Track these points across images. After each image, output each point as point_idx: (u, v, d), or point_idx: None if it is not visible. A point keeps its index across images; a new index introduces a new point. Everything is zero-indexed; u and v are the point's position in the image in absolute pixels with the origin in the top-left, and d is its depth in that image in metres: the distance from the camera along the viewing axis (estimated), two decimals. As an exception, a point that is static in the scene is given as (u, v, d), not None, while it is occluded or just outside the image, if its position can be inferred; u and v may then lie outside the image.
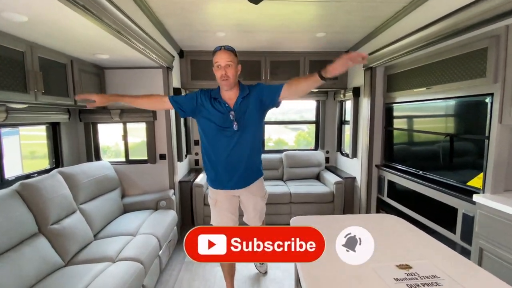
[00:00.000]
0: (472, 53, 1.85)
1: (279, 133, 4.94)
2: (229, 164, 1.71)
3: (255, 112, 1.70)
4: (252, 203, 1.86)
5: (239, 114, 1.66)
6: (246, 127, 1.68)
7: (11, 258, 1.48)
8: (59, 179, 2.05)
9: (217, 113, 1.67)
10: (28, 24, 1.49)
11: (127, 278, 1.64)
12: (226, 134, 1.67)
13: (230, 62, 1.60)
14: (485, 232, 1.66)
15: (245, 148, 1.70)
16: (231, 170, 1.72)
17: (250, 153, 1.73)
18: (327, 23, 2.57)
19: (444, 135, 2.11)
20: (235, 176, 1.74)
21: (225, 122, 1.66)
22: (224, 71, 1.59)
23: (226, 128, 1.66)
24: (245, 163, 1.73)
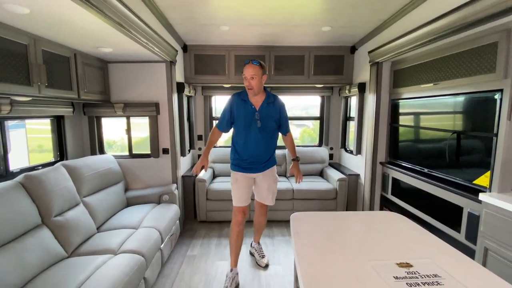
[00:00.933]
0: (481, 47, 1.79)
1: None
2: (252, 153, 2.13)
3: (274, 118, 2.13)
4: (267, 184, 2.24)
5: (262, 115, 2.08)
6: (267, 126, 2.10)
7: (15, 248, 1.51)
8: (62, 171, 2.07)
9: (245, 112, 2.09)
10: (30, 16, 1.49)
11: (128, 270, 1.65)
12: (250, 130, 2.08)
13: (254, 75, 1.99)
14: (490, 232, 1.62)
15: (264, 142, 2.13)
16: (251, 158, 2.15)
17: (268, 147, 2.17)
18: (333, 17, 2.52)
19: (451, 132, 2.06)
20: (254, 163, 2.17)
21: (251, 120, 2.07)
22: (249, 82, 1.99)
23: (251, 125, 2.08)
24: (263, 154, 2.16)
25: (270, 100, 2.11)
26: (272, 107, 2.11)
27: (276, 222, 3.31)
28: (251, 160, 2.14)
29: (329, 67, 3.49)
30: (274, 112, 2.12)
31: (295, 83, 3.55)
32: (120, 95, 2.86)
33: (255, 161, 2.15)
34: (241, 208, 2.20)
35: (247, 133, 2.09)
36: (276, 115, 2.13)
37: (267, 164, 2.21)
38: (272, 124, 2.13)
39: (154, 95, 2.88)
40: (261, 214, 2.40)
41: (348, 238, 1.24)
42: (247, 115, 2.08)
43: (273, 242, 2.87)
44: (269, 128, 2.11)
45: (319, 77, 3.51)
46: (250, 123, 2.07)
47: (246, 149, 2.12)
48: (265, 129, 2.09)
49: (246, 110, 2.08)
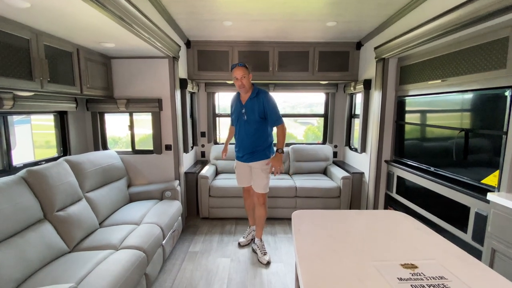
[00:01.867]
0: (492, 42, 1.73)
1: (288, 127, 4.86)
2: (241, 144, 2.47)
3: (257, 111, 2.35)
4: (256, 172, 2.46)
5: (248, 109, 2.37)
6: (250, 119, 2.37)
7: (17, 243, 1.51)
8: (65, 167, 2.07)
9: (236, 108, 2.47)
10: (31, 10, 1.48)
11: (129, 266, 1.65)
12: (239, 123, 2.44)
13: (244, 75, 2.29)
14: (498, 233, 1.57)
15: (250, 134, 2.40)
16: (242, 148, 2.47)
17: (254, 139, 2.40)
18: (338, 11, 2.47)
19: (459, 130, 2.01)
20: (245, 153, 2.46)
21: (240, 114, 2.42)
22: (240, 82, 2.29)
23: (239, 118, 2.43)
24: (251, 145, 2.41)
25: (253, 95, 2.36)
26: (255, 101, 2.35)
27: (279, 220, 3.29)
28: (242, 150, 2.47)
29: (334, 63, 3.44)
30: (257, 106, 2.34)
31: (299, 80, 3.51)
32: (123, 91, 2.86)
33: (245, 150, 2.44)
34: (243, 189, 2.73)
35: (238, 126, 2.45)
36: (259, 108, 2.34)
37: (256, 156, 2.42)
38: (255, 117, 2.35)
39: (157, 91, 2.87)
40: (256, 203, 2.54)
41: (351, 237, 1.22)
42: (237, 110, 2.44)
43: (275, 239, 2.85)
44: (253, 121, 2.36)
45: (323, 73, 3.46)
46: (239, 117, 2.43)
47: (238, 140, 2.50)
48: (249, 122, 2.37)
49: (237, 106, 2.45)
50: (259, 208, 2.51)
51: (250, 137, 2.39)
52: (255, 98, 2.36)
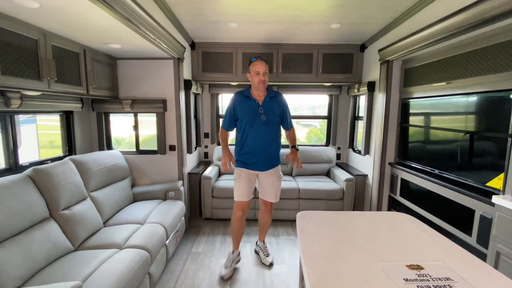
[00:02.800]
0: (497, 45, 1.73)
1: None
2: (257, 149, 2.16)
3: (278, 112, 2.20)
4: (270, 181, 2.25)
5: (266, 110, 2.14)
6: (271, 120, 2.16)
7: (22, 241, 1.53)
8: (71, 166, 2.09)
9: (248, 108, 2.15)
10: (40, 10, 1.50)
11: (133, 265, 1.65)
12: (254, 125, 2.13)
13: (267, 71, 2.10)
14: (503, 236, 1.56)
15: (268, 137, 2.16)
16: (257, 154, 2.17)
17: (272, 143, 2.19)
18: (342, 13, 2.48)
19: (464, 133, 2.00)
20: (259, 160, 2.18)
21: (255, 115, 2.13)
22: (264, 77, 2.09)
23: (255, 120, 2.13)
24: (267, 150, 2.18)
25: (272, 95, 2.20)
26: (275, 102, 2.19)
27: (281, 221, 3.29)
28: (255, 156, 2.17)
29: (337, 65, 3.45)
30: (277, 107, 2.19)
31: (302, 81, 3.51)
32: (128, 92, 2.88)
33: (260, 156, 2.17)
34: (242, 204, 2.25)
35: (252, 128, 2.13)
36: (279, 110, 2.20)
37: (272, 162, 2.22)
38: (276, 118, 2.19)
39: (162, 92, 2.89)
40: (265, 212, 2.40)
41: (356, 238, 1.21)
42: (251, 110, 2.14)
43: (278, 241, 2.85)
44: (273, 122, 2.17)
45: (327, 75, 3.46)
46: (255, 118, 2.13)
47: (251, 144, 2.15)
48: (269, 124, 2.14)
49: (250, 105, 2.15)
50: (268, 216, 2.43)
51: (269, 140, 2.17)
52: (274, 98, 2.19)
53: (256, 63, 2.09)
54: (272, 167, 2.23)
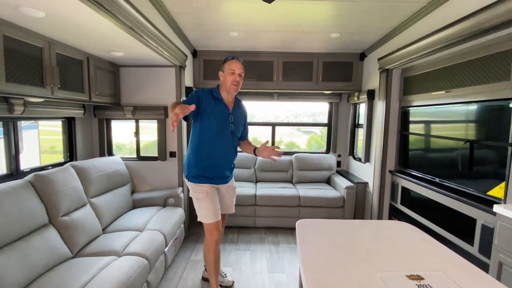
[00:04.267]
0: (495, 54, 1.75)
1: (291, 136, 4.91)
2: (224, 161, 1.94)
3: (242, 121, 2.02)
4: (230, 193, 2.11)
5: (235, 118, 1.93)
6: (237, 130, 1.97)
7: (21, 247, 1.52)
8: (71, 172, 2.10)
9: (219, 113, 1.86)
10: (46, 19, 1.53)
11: (131, 273, 1.64)
12: (223, 134, 1.88)
13: (242, 73, 1.89)
14: (505, 245, 1.55)
15: (234, 148, 1.98)
16: (224, 167, 1.95)
17: (235, 153, 2.02)
18: (342, 23, 2.52)
19: (464, 141, 2.00)
20: (227, 173, 1.98)
21: (225, 122, 1.88)
22: (238, 78, 1.86)
23: (225, 128, 1.88)
24: (230, 162, 2.00)
25: (239, 104, 2.02)
26: (241, 110, 2.02)
27: (282, 229, 3.27)
28: (221, 169, 1.93)
29: (337, 73, 3.48)
30: (242, 116, 2.02)
31: (303, 89, 3.54)
32: (130, 99, 2.91)
33: (224, 169, 1.95)
34: (217, 224, 1.90)
35: (220, 137, 1.86)
36: (243, 119, 2.03)
37: (231, 173, 2.06)
38: (241, 129, 2.01)
39: (163, 99, 2.91)
40: (224, 223, 2.23)
41: (356, 247, 1.21)
42: (222, 116, 1.86)
43: (278, 249, 2.82)
44: (238, 133, 1.99)
45: (327, 83, 3.49)
46: (224, 126, 1.87)
47: (216, 155, 1.88)
48: (235, 134, 1.95)
49: (221, 110, 1.86)
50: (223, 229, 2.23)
51: (233, 151, 1.98)
52: (240, 107, 2.02)
53: (232, 61, 1.86)
54: (231, 178, 2.08)
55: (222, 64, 1.91)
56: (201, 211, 1.89)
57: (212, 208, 1.88)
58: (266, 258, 2.64)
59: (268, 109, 4.41)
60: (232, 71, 1.84)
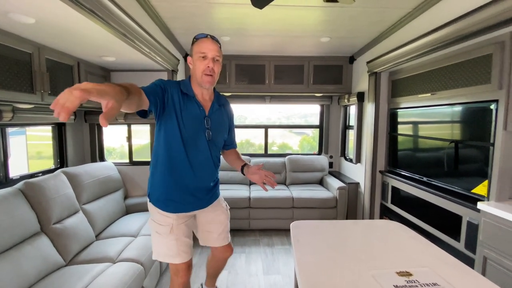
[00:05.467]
0: (477, 59, 1.83)
1: (284, 137, 4.96)
2: (199, 180, 1.42)
3: (226, 127, 1.53)
4: (218, 217, 1.59)
5: (213, 123, 1.42)
6: (217, 139, 1.46)
7: (12, 256, 1.49)
8: (63, 179, 2.07)
9: (189, 115, 1.34)
10: (36, 25, 1.52)
11: (127, 279, 1.64)
12: (197, 143, 1.37)
13: (218, 57, 1.33)
14: (489, 241, 1.62)
15: (213, 161, 1.46)
16: (199, 188, 1.44)
17: (216, 168, 1.51)
18: (332, 28, 2.58)
19: (449, 142, 2.09)
20: (204, 193, 1.47)
21: (198, 129, 1.37)
22: (211, 64, 1.30)
23: (198, 136, 1.37)
24: (212, 179, 1.50)
25: (221, 102, 1.49)
26: (224, 112, 1.51)
27: (276, 231, 3.30)
28: (196, 191, 1.43)
29: (328, 76, 3.55)
30: (225, 119, 1.52)
31: (294, 92, 3.59)
32: (122, 103, 2.88)
33: (201, 190, 1.45)
34: (187, 264, 1.44)
35: (193, 148, 1.36)
36: (227, 117, 1.54)
37: (216, 192, 1.57)
38: (223, 136, 1.53)
39: (155, 103, 2.90)
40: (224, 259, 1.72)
41: (349, 247, 1.24)
42: (193, 119, 1.35)
43: (273, 251, 2.85)
44: (220, 142, 1.52)
45: (318, 86, 3.56)
46: (197, 133, 1.37)
47: (187, 174, 1.37)
48: (214, 143, 1.44)
49: (192, 112, 1.35)
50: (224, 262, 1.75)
51: (214, 166, 1.48)
52: (222, 107, 1.50)
53: (203, 40, 1.32)
54: (215, 198, 1.57)
55: (191, 46, 1.38)
56: (158, 249, 1.43)
57: (177, 246, 1.40)
58: (261, 260, 2.66)
59: (260, 111, 4.45)
60: (203, 55, 1.30)
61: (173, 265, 1.44)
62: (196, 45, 1.33)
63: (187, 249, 1.44)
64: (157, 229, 1.41)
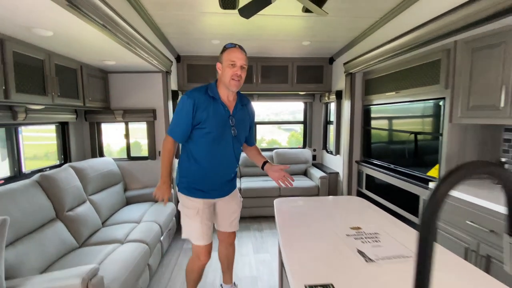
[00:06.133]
0: (429, 63, 2.18)
1: (273, 133, 5.26)
2: (222, 172, 1.66)
3: (247, 125, 1.73)
4: (232, 208, 1.81)
5: (237, 121, 1.62)
6: (240, 135, 1.67)
7: (36, 238, 1.73)
8: (71, 172, 2.29)
9: (216, 116, 1.55)
10: (52, 37, 1.74)
11: (136, 255, 1.90)
12: (222, 140, 1.58)
13: (245, 65, 1.55)
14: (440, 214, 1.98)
15: (236, 156, 1.69)
16: (222, 178, 1.67)
17: (237, 161, 1.74)
18: (311, 33, 2.89)
19: (409, 133, 2.45)
20: (225, 184, 1.70)
21: (224, 127, 1.58)
22: (240, 72, 1.52)
23: (224, 134, 1.58)
24: (230, 172, 1.73)
25: (244, 102, 1.69)
26: (246, 112, 1.71)
27: (265, 218, 3.61)
28: (219, 182, 1.67)
29: (310, 76, 3.87)
30: (248, 118, 1.72)
31: (280, 90, 3.89)
32: (120, 103, 3.11)
33: (224, 181, 1.69)
34: (207, 248, 1.68)
35: (218, 145, 1.58)
36: (249, 116, 1.74)
37: (233, 184, 1.80)
38: (246, 133, 1.74)
39: (151, 102, 3.14)
40: (229, 244, 1.92)
41: (319, 214, 1.54)
42: (219, 119, 1.56)
43: (262, 235, 3.16)
44: (242, 138, 1.71)
45: (301, 85, 3.87)
46: (224, 131, 1.57)
47: (215, 167, 1.61)
48: (238, 139, 1.66)
49: (218, 112, 1.56)
50: (233, 248, 1.98)
51: (234, 160, 1.70)
52: (245, 107, 1.69)
53: (232, 50, 1.52)
54: (233, 190, 1.81)
55: (220, 54, 1.58)
56: (188, 229, 1.68)
57: (202, 229, 1.63)
58: (252, 242, 2.97)
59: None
60: (232, 63, 1.51)
61: (197, 247, 1.68)
62: (226, 54, 1.54)
63: (209, 232, 1.68)
64: (186, 213, 1.67)
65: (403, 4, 2.17)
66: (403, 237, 1.19)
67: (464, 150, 2.06)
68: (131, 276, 1.76)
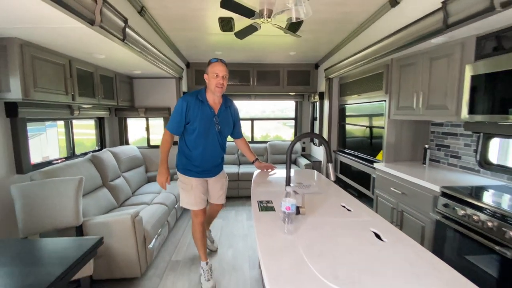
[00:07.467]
0: (377, 74, 2.88)
1: (278, 129, 5.95)
2: (209, 158, 2.10)
3: (231, 123, 2.19)
4: (220, 184, 2.30)
5: (221, 119, 2.06)
6: (224, 131, 2.13)
7: (93, 196, 2.52)
8: (109, 154, 3.08)
9: (203, 115, 1.97)
10: (104, 58, 2.52)
11: (159, 212, 2.68)
12: (208, 135, 2.02)
13: (226, 75, 1.96)
14: (378, 185, 2.70)
15: (220, 147, 2.15)
16: (210, 163, 2.13)
17: (223, 151, 2.20)
18: (295, 46, 3.60)
19: (366, 127, 3.15)
20: (214, 167, 2.17)
21: (210, 124, 2.00)
22: (222, 81, 1.93)
23: (210, 129, 2.02)
24: (219, 158, 2.21)
25: (228, 104, 2.11)
26: (229, 111, 2.13)
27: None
28: (207, 166, 2.12)
29: (298, 79, 4.57)
30: (231, 117, 2.15)
31: (273, 92, 4.61)
32: (142, 102, 3.89)
33: (211, 165, 2.15)
34: (202, 210, 2.17)
35: (205, 138, 2.02)
36: (231, 119, 2.17)
37: (220, 167, 2.28)
38: (230, 129, 2.19)
39: (167, 102, 3.91)
40: (216, 211, 2.50)
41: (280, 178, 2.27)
42: (205, 118, 1.98)
43: (236, 212, 3.90)
44: (226, 133, 2.17)
45: (291, 87, 4.58)
46: (209, 128, 2.01)
47: (203, 154, 2.06)
48: (222, 134, 2.10)
49: (205, 112, 1.98)
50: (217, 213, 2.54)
51: (220, 150, 2.15)
52: (228, 108, 2.12)
53: (215, 64, 1.92)
54: (220, 172, 2.28)
55: (206, 67, 1.97)
56: (184, 199, 2.15)
57: (195, 199, 2.11)
58: (246, 214, 3.73)
59: (251, 106, 5.45)
60: (215, 74, 1.90)
61: (193, 211, 2.18)
62: (210, 67, 1.94)
63: (202, 201, 2.17)
64: (182, 187, 2.16)
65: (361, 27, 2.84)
66: (330, 191, 1.91)
67: (400, 139, 2.76)
68: (157, 223, 2.54)
